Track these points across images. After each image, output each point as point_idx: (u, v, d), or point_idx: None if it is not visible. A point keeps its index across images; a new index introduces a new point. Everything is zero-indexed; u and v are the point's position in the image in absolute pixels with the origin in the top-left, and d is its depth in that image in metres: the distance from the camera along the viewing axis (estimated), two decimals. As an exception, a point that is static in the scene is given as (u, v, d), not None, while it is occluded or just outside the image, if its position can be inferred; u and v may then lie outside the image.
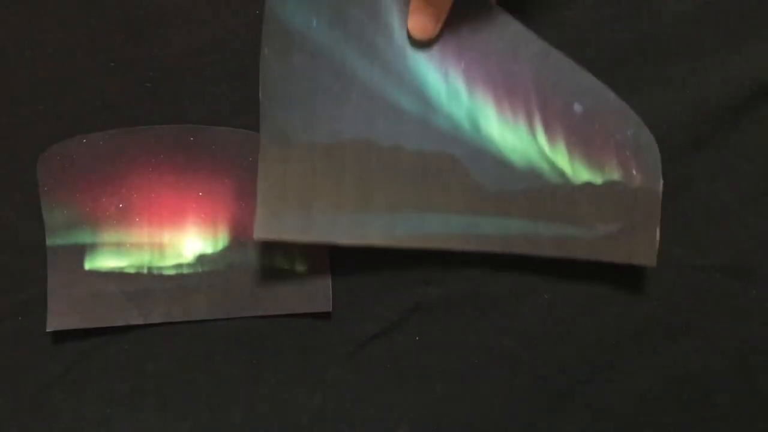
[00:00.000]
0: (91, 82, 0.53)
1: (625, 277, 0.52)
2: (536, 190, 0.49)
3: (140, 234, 0.52)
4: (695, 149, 0.52)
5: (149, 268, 0.52)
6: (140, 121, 0.52)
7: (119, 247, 0.52)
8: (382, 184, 0.48)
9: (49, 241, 0.52)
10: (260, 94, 0.48)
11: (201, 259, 0.52)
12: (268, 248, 0.52)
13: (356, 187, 0.48)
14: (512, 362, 0.52)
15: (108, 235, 0.52)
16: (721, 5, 0.51)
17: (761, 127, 0.52)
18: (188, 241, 0.52)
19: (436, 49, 0.48)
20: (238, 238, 0.52)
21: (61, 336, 0.52)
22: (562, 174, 0.49)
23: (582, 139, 0.49)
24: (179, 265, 0.52)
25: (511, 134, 0.49)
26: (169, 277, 0.52)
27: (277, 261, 0.52)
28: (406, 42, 0.48)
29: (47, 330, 0.51)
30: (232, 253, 0.52)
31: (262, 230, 0.48)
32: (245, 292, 0.52)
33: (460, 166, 0.49)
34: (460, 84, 0.49)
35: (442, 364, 0.53)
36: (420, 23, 0.47)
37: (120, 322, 0.52)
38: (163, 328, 0.52)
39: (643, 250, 0.50)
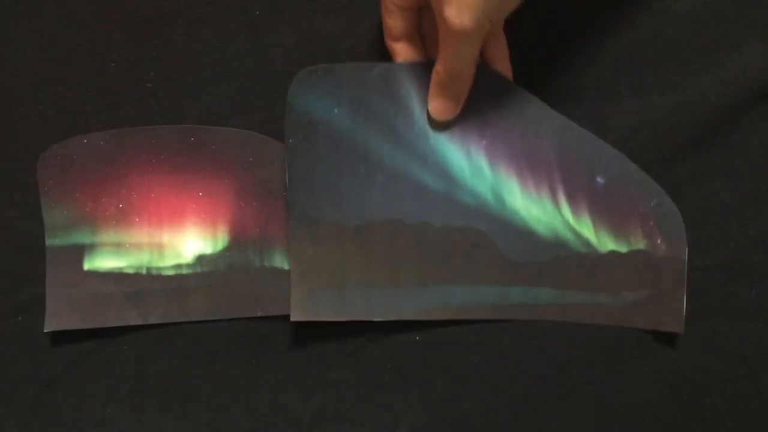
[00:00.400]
0: (91, 82, 0.53)
1: (625, 277, 0.52)
2: (563, 260, 0.51)
3: (140, 234, 0.52)
4: (695, 149, 0.52)
5: (149, 269, 0.52)
6: (140, 121, 0.52)
7: (119, 248, 0.52)
8: (412, 260, 0.50)
9: (48, 242, 0.52)
10: (287, 181, 0.49)
11: (200, 259, 0.52)
12: (268, 248, 0.52)
13: (386, 265, 0.50)
14: (512, 362, 0.52)
15: (107, 236, 0.52)
16: (721, 5, 0.51)
17: (761, 127, 0.52)
18: (188, 242, 0.52)
19: (457, 128, 0.50)
20: (238, 238, 0.52)
21: (61, 336, 0.52)
22: (587, 244, 0.51)
23: (606, 210, 0.51)
24: (179, 266, 0.52)
25: (535, 207, 0.50)
26: (169, 277, 0.52)
27: (276, 261, 0.52)
28: (427, 123, 0.50)
29: (46, 330, 0.51)
30: (231, 253, 0.52)
31: (298, 312, 0.49)
32: (245, 293, 0.52)
33: (486, 239, 0.50)
34: (482, 161, 0.50)
35: (442, 364, 0.53)
36: (441, 106, 0.48)
37: (119, 323, 0.52)
38: (163, 328, 0.52)
39: (670, 317, 0.51)
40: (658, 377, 0.52)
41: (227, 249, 0.52)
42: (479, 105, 0.50)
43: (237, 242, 0.52)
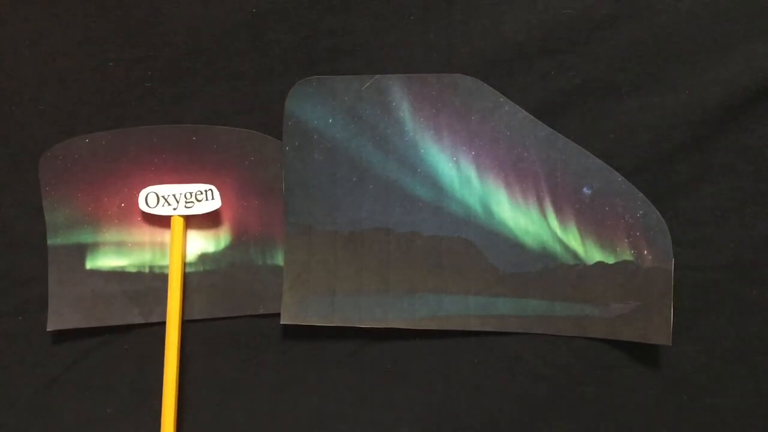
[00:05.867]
0: (90, 82, 0.53)
1: (625, 276, 0.52)
2: (550, 271, 0.51)
3: (141, 233, 0.52)
4: (695, 149, 0.52)
5: (151, 267, 0.52)
6: (139, 121, 0.53)
7: (120, 247, 0.52)
8: (401, 269, 0.51)
9: (50, 241, 0.52)
10: (283, 188, 0.51)
11: (203, 258, 0.52)
12: (270, 247, 0.52)
13: (376, 272, 0.51)
14: (512, 362, 0.52)
15: (109, 235, 0.52)
16: (721, 5, 0.51)
17: (761, 127, 0.52)
18: (190, 240, 0.52)
19: (447, 139, 0.51)
20: (240, 237, 0.52)
21: (61, 336, 0.52)
22: (575, 255, 0.51)
23: (592, 221, 0.51)
24: (180, 265, 0.52)
25: (523, 218, 0.51)
26: (170, 277, 0.52)
27: (278, 259, 0.52)
28: (418, 134, 0.51)
29: (48, 330, 0.51)
30: (233, 251, 0.52)
31: (289, 316, 0.51)
32: (247, 291, 0.52)
33: (474, 249, 0.51)
34: (471, 171, 0.51)
35: (442, 364, 0.53)
36: None
37: (121, 322, 0.52)
38: (163, 328, 0.52)
39: (657, 329, 0.51)
40: (658, 377, 0.52)
41: (229, 247, 0.52)
42: (468, 116, 0.51)
43: (239, 241, 0.52)
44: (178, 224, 0.51)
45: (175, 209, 0.51)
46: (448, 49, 0.52)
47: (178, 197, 0.51)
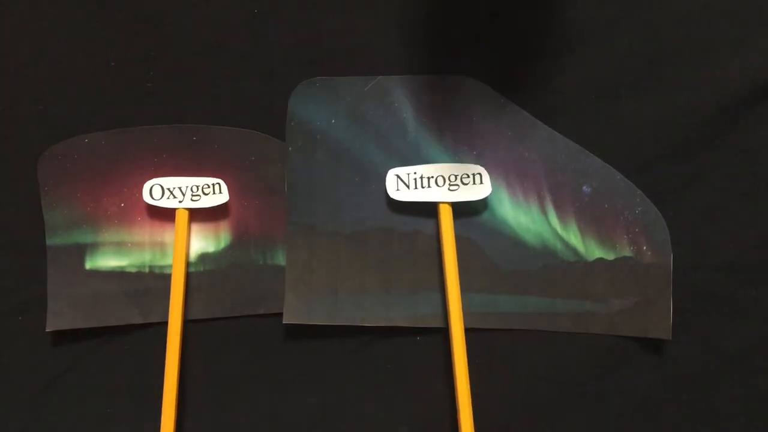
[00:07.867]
0: (90, 82, 0.53)
1: (625, 276, 0.52)
2: (551, 268, 0.52)
3: (141, 233, 0.52)
4: (694, 149, 0.52)
5: (150, 268, 0.52)
6: (140, 121, 0.53)
7: (120, 247, 0.52)
8: (403, 267, 0.51)
9: (49, 241, 0.52)
10: (286, 188, 0.51)
11: (203, 258, 0.52)
12: (270, 246, 0.52)
13: (379, 271, 0.51)
14: (512, 362, 0.52)
15: (109, 235, 0.52)
16: (721, 5, 0.51)
17: (761, 127, 0.52)
18: (190, 240, 0.52)
19: (449, 140, 0.51)
20: (240, 237, 0.52)
21: (61, 336, 0.52)
22: (575, 252, 0.52)
23: (592, 218, 0.52)
24: (181, 265, 0.52)
25: (524, 216, 0.52)
26: (171, 276, 0.52)
27: (279, 259, 0.52)
28: (420, 134, 0.51)
29: (47, 330, 0.51)
30: (234, 251, 0.52)
31: (291, 315, 0.51)
32: (248, 291, 0.52)
33: (476, 247, 0.52)
34: None
35: (442, 364, 0.53)
36: None
37: (120, 322, 0.52)
38: (163, 327, 0.52)
39: (658, 323, 0.51)
40: (658, 377, 0.52)
41: (229, 247, 0.52)
42: (470, 117, 0.51)
43: (239, 241, 0.52)
44: (182, 217, 0.51)
45: (180, 202, 0.51)
46: (449, 50, 0.52)
47: (184, 190, 0.51)
